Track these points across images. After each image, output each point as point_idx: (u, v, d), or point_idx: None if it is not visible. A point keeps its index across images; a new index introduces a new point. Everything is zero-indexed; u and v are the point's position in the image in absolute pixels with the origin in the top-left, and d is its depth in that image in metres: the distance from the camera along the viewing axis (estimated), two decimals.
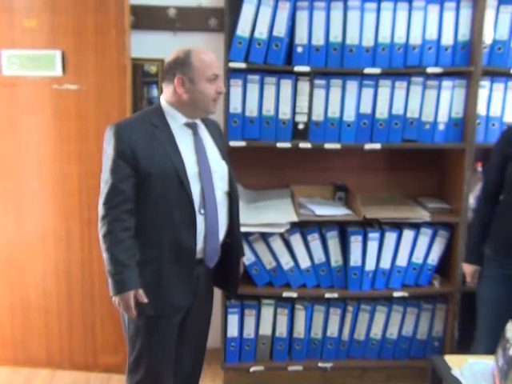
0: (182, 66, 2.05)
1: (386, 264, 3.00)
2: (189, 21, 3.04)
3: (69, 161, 2.97)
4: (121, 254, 2.00)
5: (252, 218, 2.80)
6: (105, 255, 2.04)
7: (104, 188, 2.02)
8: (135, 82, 3.03)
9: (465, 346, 2.74)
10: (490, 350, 1.86)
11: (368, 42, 2.80)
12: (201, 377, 2.45)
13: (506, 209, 2.42)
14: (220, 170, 2.19)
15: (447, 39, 2.82)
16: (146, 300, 2.04)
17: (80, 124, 2.93)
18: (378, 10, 2.78)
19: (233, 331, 3.02)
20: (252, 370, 3.05)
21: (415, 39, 2.81)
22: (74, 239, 3.04)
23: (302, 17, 2.77)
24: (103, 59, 2.86)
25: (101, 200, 2.03)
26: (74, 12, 2.83)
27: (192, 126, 2.15)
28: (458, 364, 1.85)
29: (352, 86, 2.85)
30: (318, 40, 2.79)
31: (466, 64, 2.84)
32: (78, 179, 2.98)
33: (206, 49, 2.13)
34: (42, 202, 3.03)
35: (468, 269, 2.59)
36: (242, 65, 2.79)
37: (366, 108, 2.87)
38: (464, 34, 2.82)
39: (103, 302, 3.06)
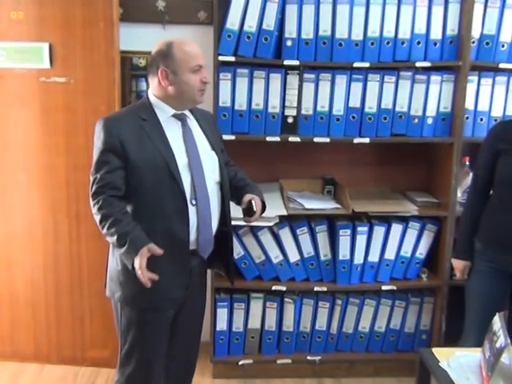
0: (164, 58, 2.05)
1: (374, 257, 3.02)
2: (178, 13, 3.02)
3: (57, 154, 2.96)
4: (120, 228, 1.96)
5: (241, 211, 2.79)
6: (109, 239, 2.01)
7: (93, 180, 2.02)
8: (124, 75, 3.01)
9: (452, 338, 2.77)
10: (479, 343, 1.87)
11: (357, 36, 2.80)
12: (194, 371, 2.45)
13: (496, 204, 2.44)
14: (210, 160, 2.19)
15: (436, 34, 2.84)
16: (160, 251, 1.96)
17: (68, 117, 2.92)
18: (367, 4, 2.78)
19: (222, 325, 3.03)
20: (241, 363, 3.06)
21: (404, 33, 2.82)
22: (61, 232, 3.03)
23: (291, 10, 2.77)
24: (91, 52, 2.85)
25: (90, 192, 2.02)
26: (61, 4, 2.81)
27: (180, 118, 2.15)
28: (446, 356, 1.87)
29: (341, 79, 2.85)
30: (308, 34, 2.79)
31: (455, 59, 2.85)
32: (66, 172, 2.96)
33: (195, 42, 2.13)
34: (29, 194, 3.01)
35: (458, 264, 2.60)
36: (232, 58, 2.78)
37: (355, 102, 2.88)
38: (452, 28, 2.84)
39: (92, 296, 3.05)
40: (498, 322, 1.74)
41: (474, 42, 2.84)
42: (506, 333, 1.67)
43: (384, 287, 3.03)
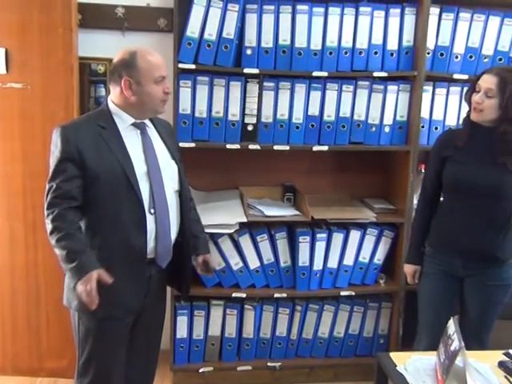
0: (128, 68, 2.04)
1: (333, 264, 3.06)
2: (137, 20, 3.01)
3: (13, 161, 2.90)
4: (72, 244, 1.95)
5: (201, 219, 2.79)
6: (57, 251, 1.98)
7: (49, 188, 1.99)
8: (82, 81, 2.98)
9: (409, 342, 2.82)
10: (431, 345, 1.92)
11: (316, 45, 2.84)
12: (153, 379, 2.43)
13: (444, 209, 2.51)
14: (170, 169, 2.19)
15: (392, 44, 2.90)
16: (110, 280, 1.97)
17: (25, 124, 2.86)
18: (326, 15, 2.83)
19: (182, 332, 3.02)
20: (201, 370, 3.05)
21: (361, 44, 2.88)
22: (17, 241, 2.96)
23: (251, 19, 2.79)
24: (49, 58, 2.80)
25: (46, 201, 2.00)
26: (18, 9, 2.76)
27: (140, 126, 2.14)
28: (403, 360, 1.91)
29: (300, 88, 2.89)
30: (267, 42, 2.82)
31: (410, 69, 2.92)
32: (23, 180, 2.91)
33: (155, 49, 2.12)
34: None
35: (409, 269, 2.66)
36: (192, 66, 2.79)
37: (314, 110, 2.92)
38: (408, 39, 2.91)
39: (49, 305, 3.00)
40: (452, 326, 1.79)
41: (428, 53, 2.92)
42: (460, 336, 1.72)
43: (343, 293, 3.08)
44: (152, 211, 2.07)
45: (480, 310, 2.45)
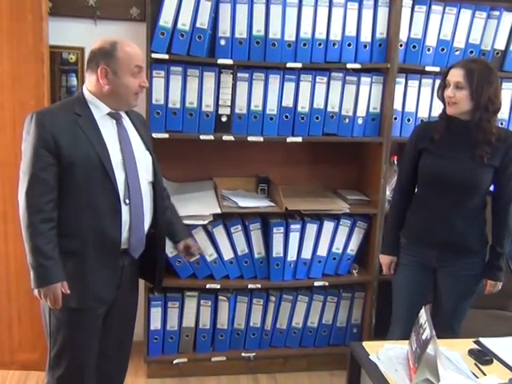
0: (106, 56, 2.03)
1: (307, 254, 3.08)
2: (110, 9, 2.96)
3: None
4: (43, 246, 1.96)
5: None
6: (27, 247, 1.98)
7: (24, 178, 1.97)
8: (53, 70, 2.93)
9: (382, 331, 2.86)
10: (405, 334, 1.95)
11: (290, 36, 2.84)
12: (126, 371, 2.43)
13: (418, 200, 2.55)
14: (144, 159, 2.18)
15: (365, 36, 2.91)
16: (69, 292, 2.00)
17: None
18: (300, 6, 2.82)
19: (156, 324, 3.01)
20: (175, 362, 3.05)
21: (335, 36, 2.88)
22: None
23: (225, 9, 2.77)
24: (19, 46, 2.75)
25: (21, 190, 1.97)
26: None
27: (115, 117, 2.12)
28: (375, 349, 1.93)
29: (274, 79, 2.88)
30: (241, 33, 2.80)
31: (383, 61, 2.94)
32: None
33: (128, 39, 2.11)
34: None
35: (384, 260, 2.69)
36: (165, 56, 2.76)
37: (288, 102, 2.91)
38: (381, 32, 2.92)
39: (20, 297, 2.96)
40: (423, 315, 1.81)
41: (401, 46, 2.93)
42: (432, 325, 1.75)
43: (316, 283, 3.10)
44: (127, 201, 2.06)
45: (453, 300, 2.49)
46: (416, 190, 2.59)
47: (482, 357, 1.92)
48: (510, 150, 2.38)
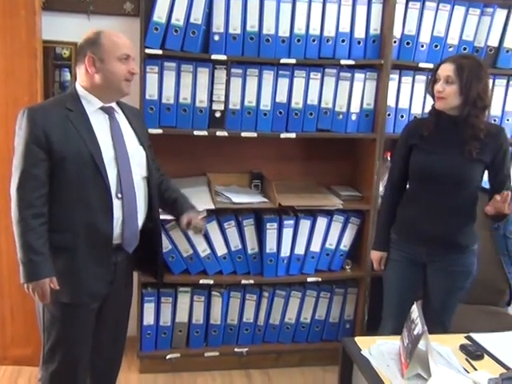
0: (92, 45, 2.04)
1: (300, 250, 3.08)
2: (103, 4, 2.95)
3: None
4: (33, 241, 1.96)
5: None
6: (17, 241, 1.99)
7: (15, 173, 1.98)
8: (47, 65, 2.92)
9: (374, 327, 2.86)
10: (395, 330, 1.96)
11: (284, 32, 2.84)
12: (120, 366, 2.43)
13: (409, 196, 2.56)
14: (138, 154, 2.18)
15: (359, 33, 2.91)
16: (58, 287, 2.01)
17: None
18: (294, 2, 2.82)
19: (149, 319, 3.01)
20: (168, 357, 3.05)
21: (329, 32, 2.88)
22: None
23: (219, 5, 2.77)
24: (12, 41, 2.74)
25: (13, 186, 1.98)
26: None
27: (108, 111, 2.12)
28: (367, 345, 1.94)
29: (268, 75, 2.88)
30: (235, 29, 2.80)
31: (377, 57, 2.94)
32: None
33: (122, 34, 2.11)
34: None
35: (375, 255, 2.70)
36: (159, 51, 2.75)
37: (281, 97, 2.92)
38: (375, 28, 2.92)
39: (13, 293, 2.95)
40: (415, 311, 1.82)
41: (395, 42, 2.94)
42: (423, 321, 1.76)
43: (309, 279, 3.11)
44: (119, 196, 2.07)
45: (442, 296, 2.50)
46: (407, 186, 2.60)
47: (473, 352, 1.93)
48: (501, 148, 2.40)
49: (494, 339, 2.03)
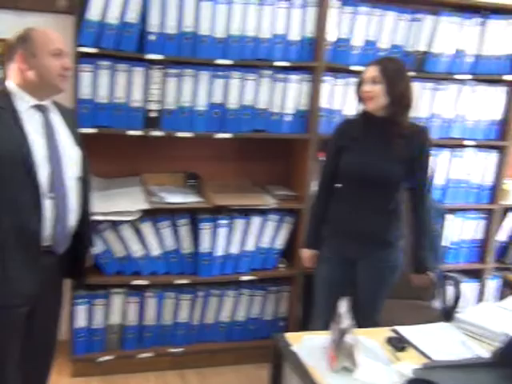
0: (23, 42, 2.00)
1: (234, 249, 3.11)
2: (32, 0, 2.88)
3: None
4: None
5: (102, 206, 2.75)
6: None
7: None
8: None
9: (308, 324, 2.92)
10: (327, 326, 2.01)
11: (220, 33, 2.86)
12: (50, 371, 2.38)
13: (339, 196, 2.62)
14: (72, 154, 2.15)
15: (294, 35, 2.97)
16: None
17: None
18: (230, 3, 2.84)
19: (81, 322, 2.96)
20: (101, 359, 3.01)
21: (264, 33, 2.92)
22: None
23: (154, 4, 2.75)
24: None
25: None
26: None
27: (42, 109, 2.08)
28: (297, 340, 1.98)
29: (204, 76, 2.90)
30: (171, 29, 2.80)
31: (311, 59, 3.01)
32: None
33: (55, 31, 2.08)
34: None
35: (305, 253, 2.75)
36: (93, 50, 2.72)
37: (217, 98, 2.94)
38: (310, 31, 2.99)
39: None
40: (343, 306, 1.88)
41: (329, 45, 3.01)
42: (350, 315, 1.82)
43: (244, 278, 3.14)
44: (51, 195, 2.02)
45: (371, 291, 2.58)
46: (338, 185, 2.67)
47: (398, 344, 2.01)
48: (424, 147, 2.51)
49: (416, 331, 2.12)
